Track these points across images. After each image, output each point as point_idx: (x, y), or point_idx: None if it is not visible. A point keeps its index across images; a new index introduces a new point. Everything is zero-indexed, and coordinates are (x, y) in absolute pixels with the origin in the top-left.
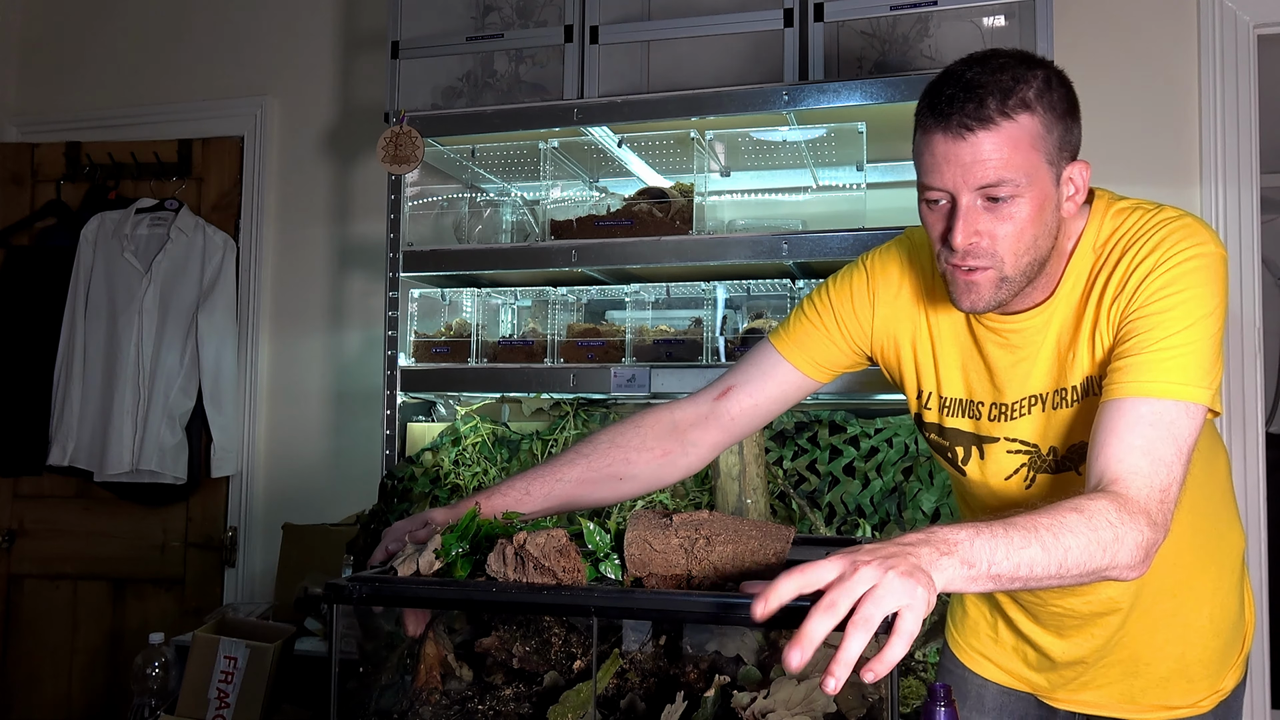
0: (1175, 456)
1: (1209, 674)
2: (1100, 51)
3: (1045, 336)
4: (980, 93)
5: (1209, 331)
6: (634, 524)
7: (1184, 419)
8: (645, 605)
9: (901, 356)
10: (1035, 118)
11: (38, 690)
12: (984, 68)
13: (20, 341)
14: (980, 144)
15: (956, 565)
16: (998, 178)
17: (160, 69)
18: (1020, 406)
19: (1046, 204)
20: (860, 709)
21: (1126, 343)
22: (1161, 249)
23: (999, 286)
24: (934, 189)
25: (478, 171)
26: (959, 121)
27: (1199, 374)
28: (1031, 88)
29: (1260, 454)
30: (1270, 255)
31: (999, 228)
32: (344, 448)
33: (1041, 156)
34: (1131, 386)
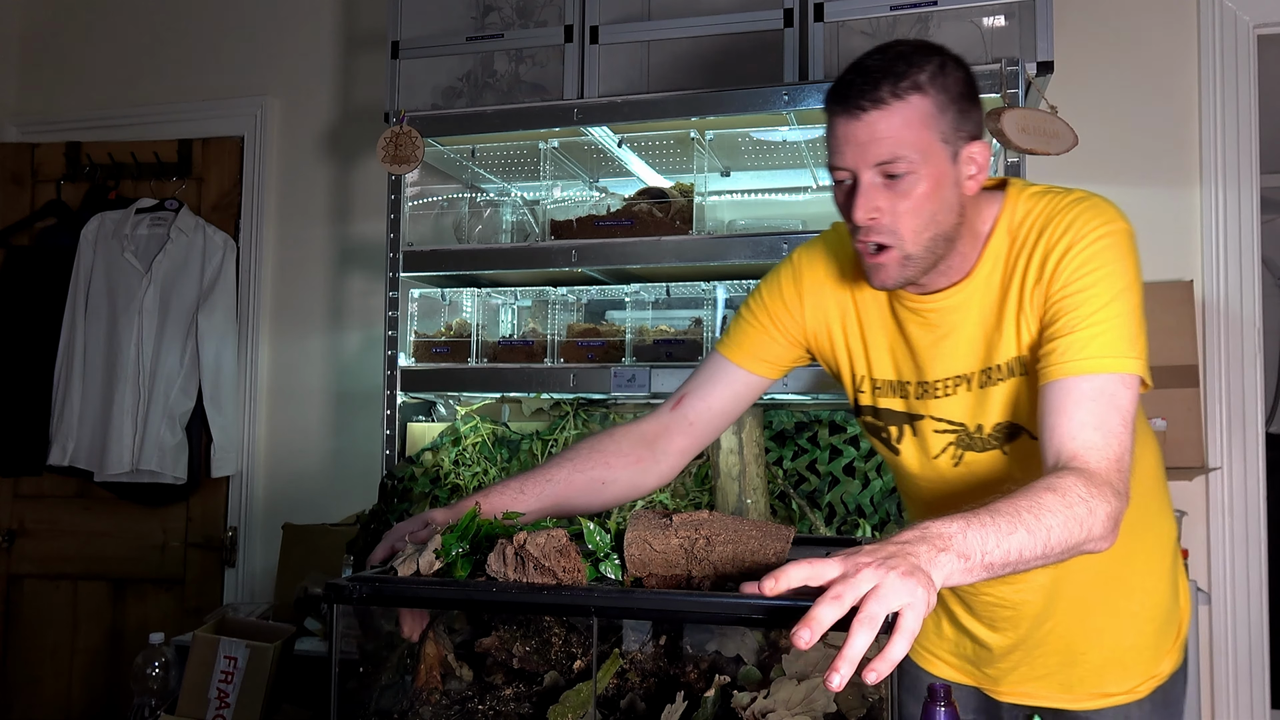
0: (1122, 426)
1: (1144, 660)
2: (1100, 51)
3: (964, 316)
4: (875, 76)
5: (1130, 304)
6: (634, 524)
7: (1122, 389)
8: (645, 605)
9: (834, 343)
10: (927, 98)
11: (38, 690)
12: (883, 56)
13: (20, 341)
14: (875, 123)
15: (953, 559)
16: (891, 154)
17: (160, 69)
18: (945, 385)
19: (944, 181)
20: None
21: (1055, 324)
22: (1074, 230)
23: (904, 264)
24: (837, 168)
25: (478, 171)
26: (854, 103)
27: (1127, 345)
28: (924, 72)
29: (1260, 454)
30: (1270, 255)
31: (898, 204)
32: (344, 448)
33: (935, 135)
34: (1069, 366)
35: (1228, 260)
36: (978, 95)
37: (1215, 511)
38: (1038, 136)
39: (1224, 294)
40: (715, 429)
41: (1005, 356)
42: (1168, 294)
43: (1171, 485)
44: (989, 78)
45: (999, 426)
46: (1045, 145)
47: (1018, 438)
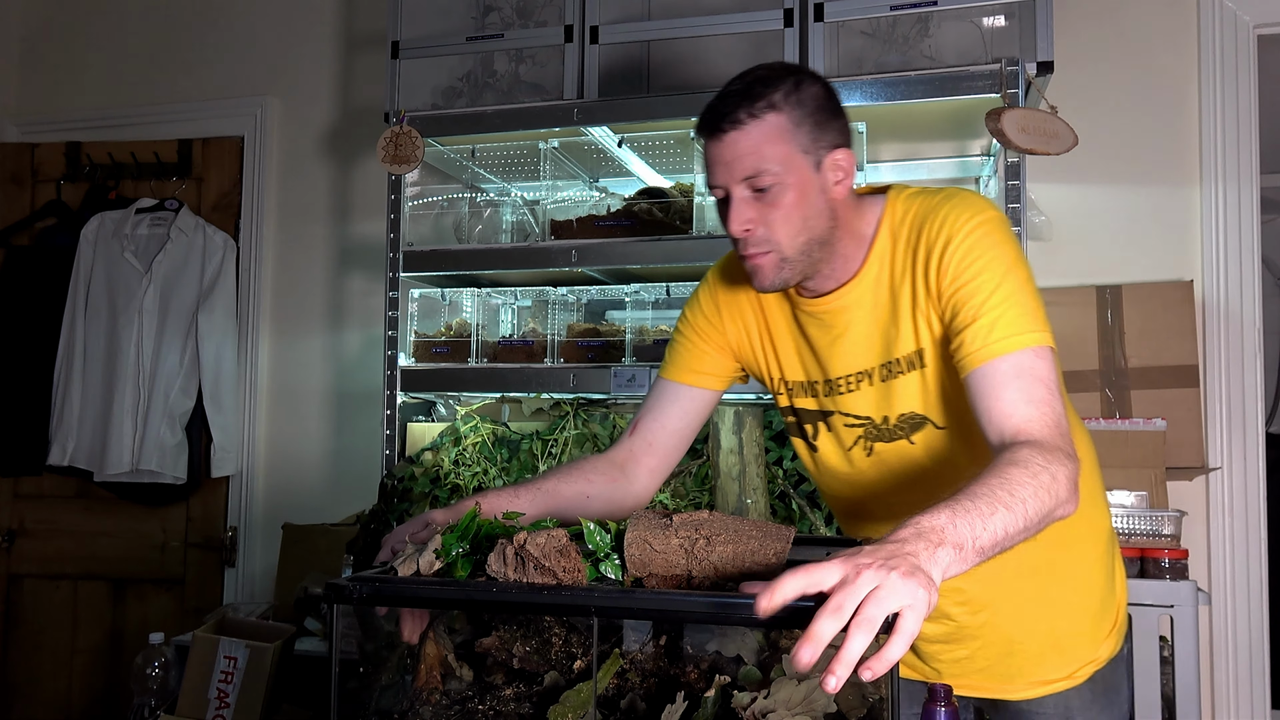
0: (1049, 394)
1: (1081, 645)
2: (1100, 51)
3: (857, 315)
4: (733, 100)
5: (1019, 280)
6: (634, 524)
7: (1038, 361)
8: (645, 605)
9: (753, 350)
10: (782, 115)
11: (38, 690)
12: (741, 81)
13: (20, 341)
14: (736, 142)
15: (949, 552)
16: (754, 169)
17: (160, 69)
18: (847, 382)
19: (809, 188)
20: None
21: (956, 318)
22: (948, 225)
23: (781, 267)
24: (712, 186)
25: (478, 171)
26: (717, 126)
27: (1029, 320)
28: (778, 91)
29: (1260, 454)
30: (1270, 255)
31: (768, 214)
32: (344, 448)
33: (794, 147)
34: (981, 353)
35: (1228, 260)
36: (838, 107)
37: (1215, 511)
38: (1038, 136)
39: (1224, 294)
40: (678, 445)
41: (904, 350)
42: (1168, 294)
43: (1171, 485)
44: (989, 78)
45: (903, 418)
46: (1045, 145)
47: (922, 428)
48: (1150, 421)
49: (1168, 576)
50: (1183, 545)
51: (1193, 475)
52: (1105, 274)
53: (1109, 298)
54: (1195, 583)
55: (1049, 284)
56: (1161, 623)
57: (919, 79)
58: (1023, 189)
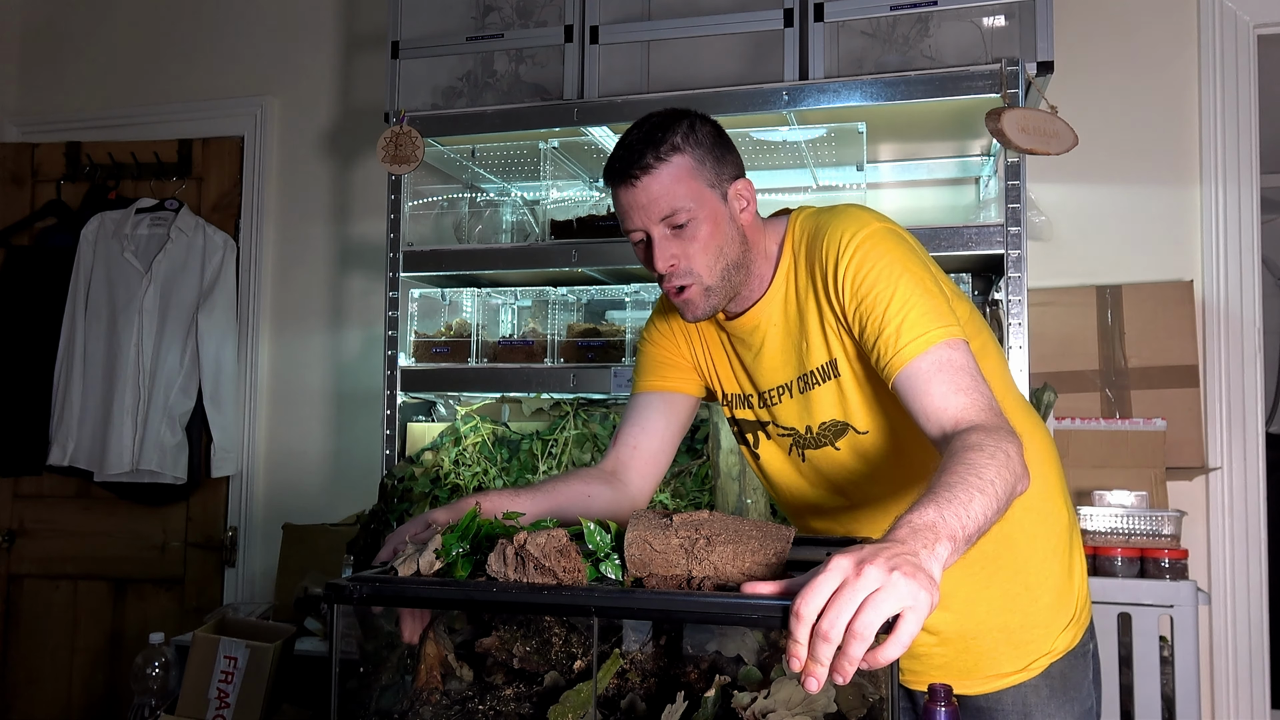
0: (973, 380)
1: (1035, 638)
2: (1100, 51)
3: (769, 330)
4: (638, 148)
5: (913, 283)
6: (634, 524)
7: (952, 352)
8: (645, 605)
9: (702, 367)
10: (686, 155)
11: (38, 690)
12: (639, 130)
13: (20, 341)
14: (649, 186)
15: (946, 546)
16: (671, 208)
17: (160, 69)
18: (773, 395)
19: (720, 219)
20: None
21: (865, 333)
22: (835, 244)
23: (707, 295)
24: (631, 230)
25: (478, 171)
26: (628, 174)
27: (931, 319)
28: (677, 133)
29: (1260, 454)
30: (1270, 255)
31: (688, 248)
32: (344, 448)
33: (702, 183)
34: (896, 360)
35: (1228, 260)
36: (729, 142)
37: (1215, 511)
38: (1038, 136)
39: (1224, 294)
40: (665, 449)
41: (816, 362)
42: (1168, 294)
43: (1171, 485)
44: (989, 78)
45: (824, 426)
46: (1045, 145)
47: (845, 434)
48: (1150, 421)
49: (1168, 576)
50: (1183, 545)
51: (1193, 475)
52: (1105, 274)
53: (1109, 298)
54: (1195, 583)
55: (1049, 284)
56: (1161, 623)
57: (919, 79)
58: (1023, 189)
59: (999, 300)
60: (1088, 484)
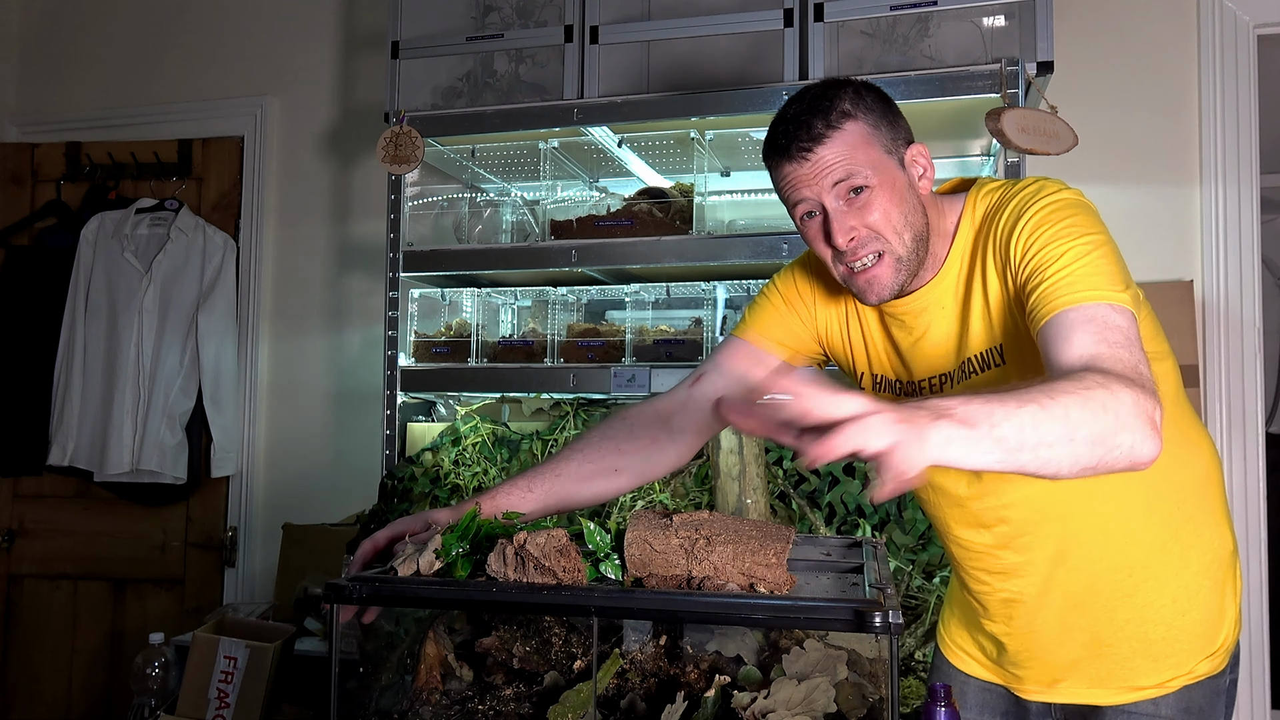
0: (1127, 342)
1: (1175, 653)
2: (1100, 51)
3: (936, 314)
4: (804, 119)
5: (1095, 244)
6: (634, 524)
7: (1114, 314)
8: (645, 605)
9: (842, 339)
10: (858, 121)
11: (38, 690)
12: (800, 102)
13: (20, 341)
14: (822, 156)
15: (953, 425)
16: (845, 172)
17: (160, 69)
18: (930, 385)
19: (900, 186)
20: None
21: (1028, 285)
22: (1019, 204)
23: (897, 269)
24: (800, 203)
25: (478, 171)
26: (798, 148)
27: (1105, 279)
28: (845, 99)
29: (1260, 454)
30: (1270, 255)
31: (868, 216)
32: (344, 448)
33: (878, 148)
34: (1051, 306)
35: (1228, 260)
36: (896, 106)
37: None
38: (1038, 136)
39: (1224, 294)
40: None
41: (976, 349)
42: (1168, 294)
43: None
44: (989, 78)
45: None
46: (1045, 145)
47: None
48: None
49: None
50: None
51: None
52: None
53: None
54: None
55: None
56: None
57: (919, 79)
58: None
59: None
60: None
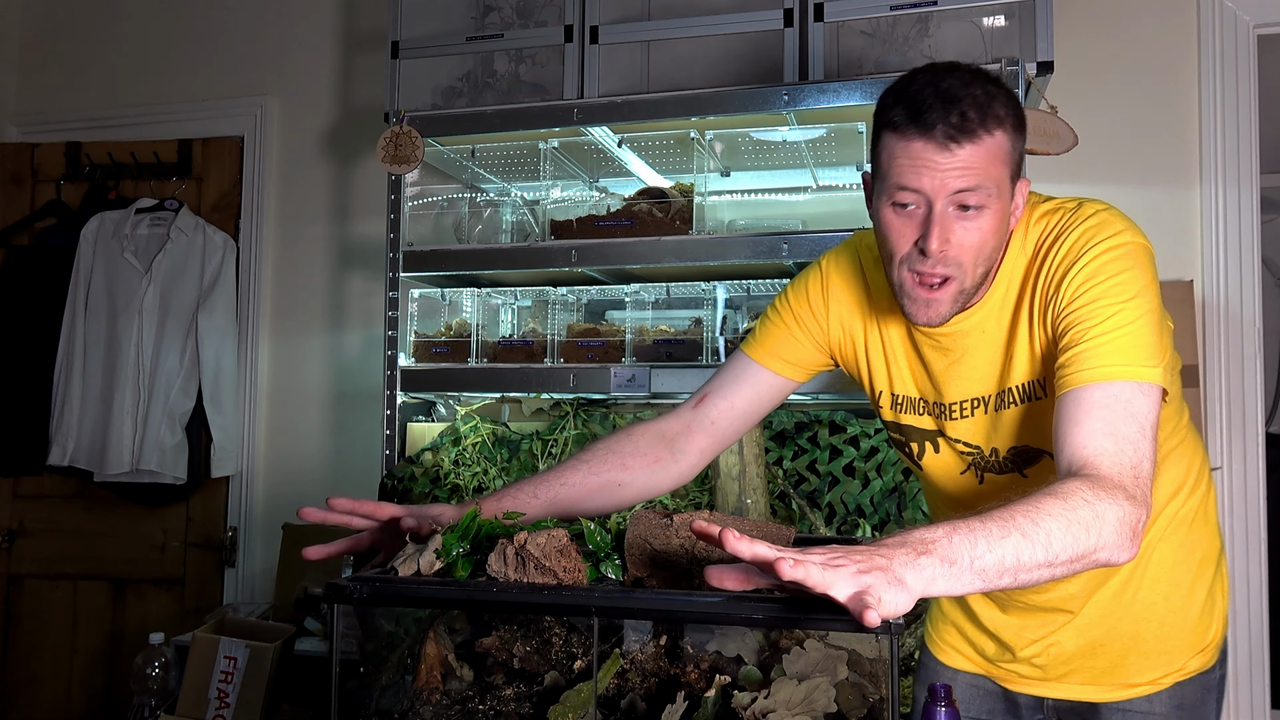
0: (1139, 433)
1: (1167, 650)
2: (1100, 51)
3: (978, 340)
4: (962, 102)
5: (1142, 312)
6: (634, 524)
7: (1140, 397)
8: (646, 605)
9: (857, 355)
10: (1006, 134)
11: (38, 690)
12: (959, 80)
13: (20, 341)
14: (965, 155)
15: (935, 563)
16: (976, 183)
17: (160, 69)
18: (961, 408)
19: (1003, 216)
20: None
21: (1066, 337)
22: (1079, 244)
23: (956, 299)
24: (910, 190)
25: (478, 171)
26: (946, 130)
27: (1142, 354)
28: (1002, 104)
29: (1260, 454)
30: (1270, 255)
31: (966, 237)
32: (344, 448)
33: (1007, 171)
34: (1079, 376)
35: (1228, 260)
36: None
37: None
38: (1038, 136)
39: (1224, 294)
40: (737, 430)
41: (1018, 379)
42: (1168, 294)
43: None
44: None
45: (1013, 450)
46: (1045, 145)
47: (1037, 461)
48: None
49: None
50: None
51: None
52: None
53: None
54: None
55: None
56: None
57: None
58: None
59: None
60: None
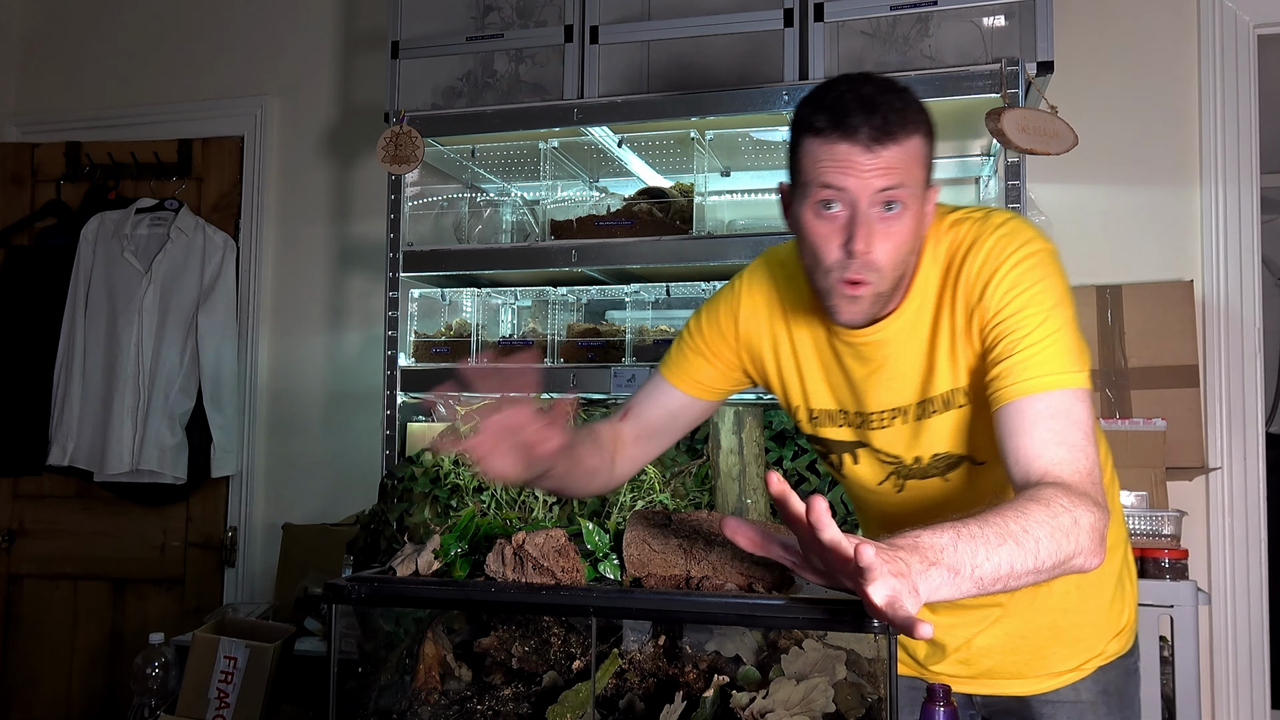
0: (1085, 439)
1: (1085, 637)
2: (1100, 51)
3: (897, 349)
4: (882, 107)
5: (1065, 318)
6: (633, 524)
7: (1076, 404)
8: (644, 605)
9: (769, 371)
10: (922, 140)
11: (38, 690)
12: (875, 87)
13: (20, 341)
14: (887, 155)
15: (943, 573)
16: (898, 181)
17: (160, 69)
18: (881, 418)
19: (920, 221)
20: (859, 709)
21: (995, 349)
22: (995, 254)
23: (874, 301)
24: (834, 188)
25: (478, 171)
26: (868, 134)
27: (1071, 360)
28: (916, 112)
29: (1260, 454)
30: (1270, 255)
31: (887, 240)
32: (344, 448)
33: (923, 175)
34: (1018, 388)
35: (1228, 260)
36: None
37: (1215, 511)
38: (1038, 136)
39: (1224, 294)
40: (658, 445)
41: (941, 389)
42: (1168, 294)
43: (1171, 485)
44: (989, 78)
45: (938, 458)
46: (1045, 145)
47: (958, 466)
48: (1150, 421)
49: (1168, 576)
50: (1183, 545)
51: (1193, 475)
52: (1105, 274)
53: (1109, 298)
54: (1195, 583)
55: None
56: (1161, 623)
57: (919, 79)
58: (1023, 189)
59: None
60: None
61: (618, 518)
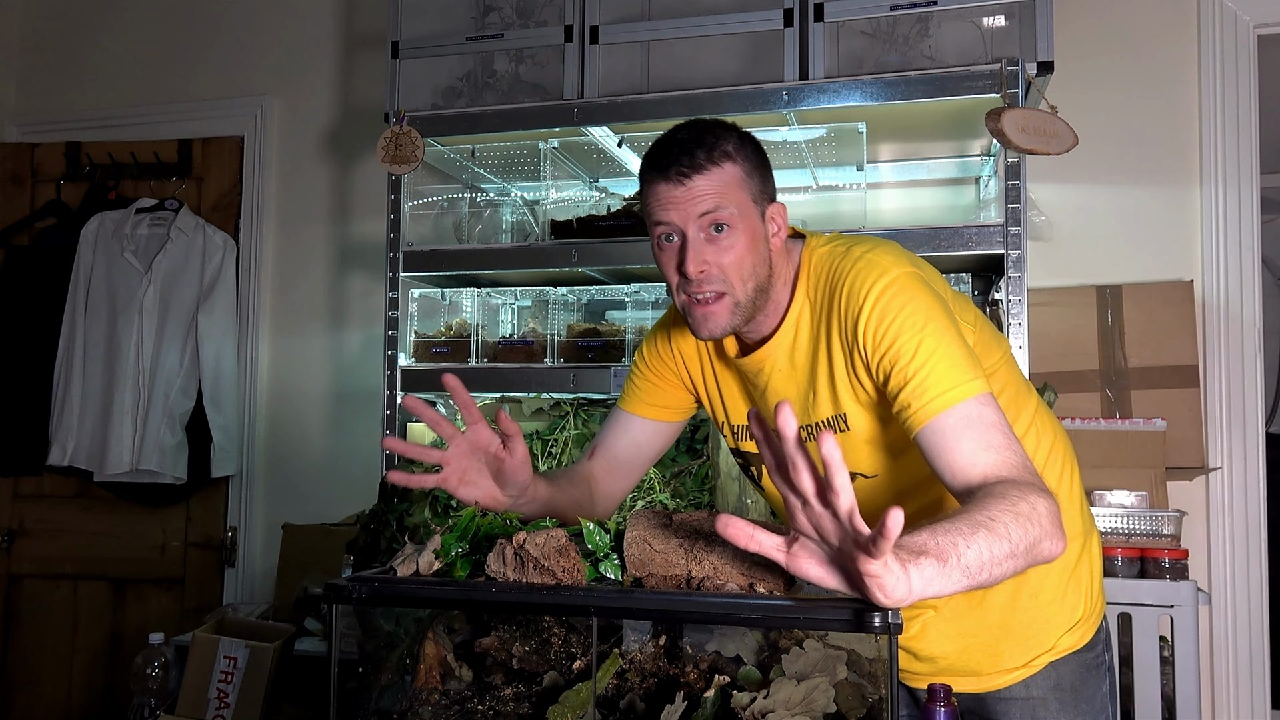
0: (1005, 437)
1: (1035, 634)
2: (1100, 52)
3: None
4: (690, 146)
5: (940, 333)
6: (634, 524)
7: (983, 408)
8: (645, 605)
9: (700, 391)
10: (736, 165)
11: (38, 690)
12: (689, 131)
13: (20, 341)
14: (698, 184)
15: (932, 563)
16: (714, 204)
17: (160, 69)
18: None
19: (757, 237)
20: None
21: (890, 383)
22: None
23: (733, 312)
24: (664, 224)
25: (478, 171)
26: (676, 170)
27: (960, 372)
28: (730, 143)
29: (1260, 454)
30: (1270, 255)
31: (723, 257)
32: (344, 448)
33: (747, 195)
34: (924, 411)
35: (1228, 260)
36: (769, 165)
37: (1215, 511)
38: (1038, 136)
39: (1224, 294)
40: (632, 472)
41: (823, 415)
42: (1168, 294)
43: (1171, 485)
44: (989, 78)
45: None
46: (1045, 145)
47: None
48: (1150, 421)
49: (1168, 576)
50: (1183, 545)
51: (1193, 475)
52: (1105, 274)
53: (1109, 298)
54: (1195, 583)
55: (1049, 284)
56: (1161, 623)
57: (919, 79)
58: (1023, 189)
59: (999, 300)
60: (1088, 484)
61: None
